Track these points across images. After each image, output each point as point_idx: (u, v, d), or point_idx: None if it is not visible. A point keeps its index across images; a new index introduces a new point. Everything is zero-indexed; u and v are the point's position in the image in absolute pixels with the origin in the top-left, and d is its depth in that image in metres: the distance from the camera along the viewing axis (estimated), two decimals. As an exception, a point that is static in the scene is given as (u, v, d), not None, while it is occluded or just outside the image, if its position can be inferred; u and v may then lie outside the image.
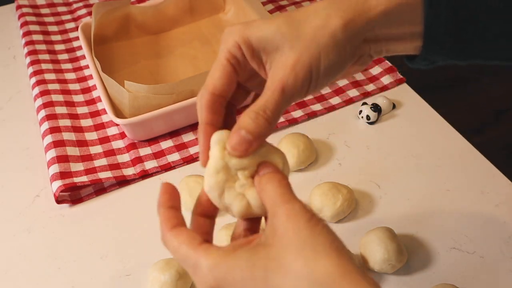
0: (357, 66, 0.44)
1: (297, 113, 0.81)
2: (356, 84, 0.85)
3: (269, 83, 0.40)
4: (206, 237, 0.41)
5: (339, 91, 0.84)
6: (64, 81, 0.87)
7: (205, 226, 0.41)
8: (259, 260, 0.35)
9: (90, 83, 0.87)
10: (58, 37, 0.97)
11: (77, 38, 0.96)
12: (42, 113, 0.80)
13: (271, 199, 0.37)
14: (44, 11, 1.03)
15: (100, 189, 0.72)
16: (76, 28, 0.98)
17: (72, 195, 0.71)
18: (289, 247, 0.34)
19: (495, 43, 0.43)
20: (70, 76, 0.88)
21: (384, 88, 0.85)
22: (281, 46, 0.40)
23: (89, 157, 0.75)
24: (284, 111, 0.41)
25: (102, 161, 0.75)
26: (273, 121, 0.40)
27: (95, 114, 0.82)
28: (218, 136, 0.40)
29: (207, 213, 0.42)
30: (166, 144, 0.77)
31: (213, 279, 0.35)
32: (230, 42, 0.41)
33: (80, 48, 0.94)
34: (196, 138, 0.77)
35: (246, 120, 0.39)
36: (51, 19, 1.01)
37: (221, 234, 0.61)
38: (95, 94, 0.85)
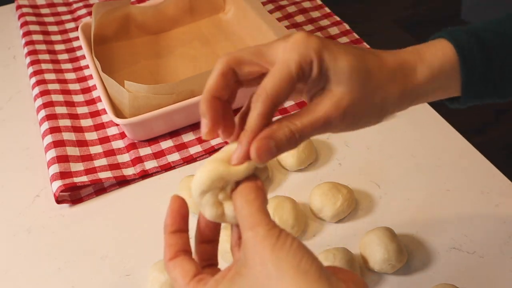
0: (377, 120, 0.46)
1: (297, 113, 0.81)
2: (356, 84, 0.85)
3: (315, 109, 0.41)
4: (211, 262, 0.43)
5: (339, 91, 0.84)
6: (64, 81, 0.87)
7: (208, 252, 0.43)
8: None
9: (90, 83, 0.87)
10: (58, 37, 0.97)
11: (77, 38, 0.96)
12: (42, 113, 0.80)
13: (240, 220, 0.37)
14: (44, 11, 1.03)
15: (100, 189, 0.72)
16: (76, 28, 0.98)
17: (72, 195, 0.71)
18: (259, 280, 0.35)
19: None
20: (70, 76, 0.88)
21: (384, 88, 0.85)
22: (344, 83, 0.41)
23: (89, 157, 0.75)
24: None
25: (102, 161, 0.75)
26: (298, 144, 0.40)
27: (95, 114, 0.82)
28: (229, 147, 0.40)
29: (208, 239, 0.43)
30: (166, 144, 0.77)
31: None
32: (303, 52, 0.40)
33: (80, 48, 0.94)
34: (196, 138, 0.77)
35: (280, 134, 0.39)
36: (51, 19, 1.01)
37: (222, 235, 0.61)
38: (95, 94, 0.85)
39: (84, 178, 0.71)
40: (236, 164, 0.38)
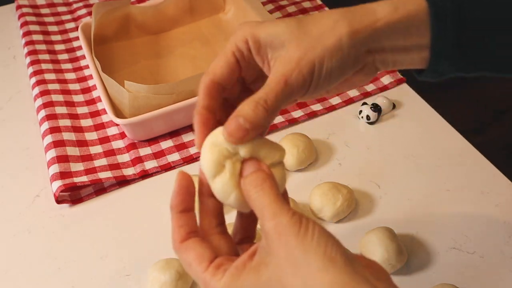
0: (361, 76, 0.45)
1: (297, 113, 0.81)
2: (356, 84, 0.85)
3: (271, 76, 0.41)
4: (220, 220, 0.41)
5: (339, 91, 0.84)
6: (64, 81, 0.87)
7: (214, 209, 0.41)
8: (264, 284, 0.35)
9: (90, 83, 0.87)
10: (58, 37, 0.97)
11: (77, 38, 0.96)
12: (42, 113, 0.80)
13: (259, 210, 0.37)
14: (44, 11, 1.03)
15: (100, 189, 0.72)
16: (76, 28, 0.98)
17: (72, 195, 0.71)
18: (286, 268, 0.34)
19: (503, 55, 0.43)
20: (70, 76, 0.88)
21: (384, 88, 0.85)
22: (288, 42, 0.41)
23: (89, 157, 0.75)
24: (283, 108, 0.42)
25: (102, 161, 0.75)
26: (272, 113, 0.40)
27: (95, 114, 0.82)
28: (217, 130, 0.40)
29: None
30: (166, 144, 0.77)
31: None
32: (238, 36, 0.43)
33: (80, 48, 0.94)
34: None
35: (245, 108, 0.39)
36: (51, 19, 1.01)
37: None
38: (95, 94, 0.85)
39: (84, 178, 0.71)
40: (200, 142, 0.41)
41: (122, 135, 0.78)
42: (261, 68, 0.43)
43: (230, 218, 0.45)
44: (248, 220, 0.43)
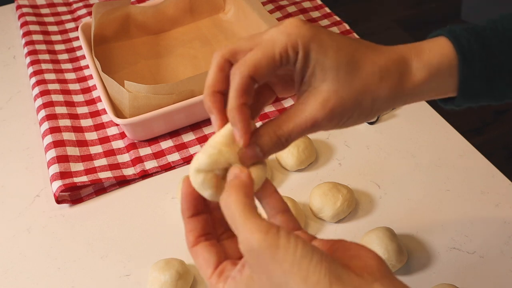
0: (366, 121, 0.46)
1: (297, 113, 0.81)
2: (356, 84, 0.85)
3: (301, 110, 0.40)
4: (227, 226, 0.40)
5: (339, 91, 0.84)
6: (64, 81, 0.87)
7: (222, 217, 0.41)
8: None
9: (90, 83, 0.87)
10: (58, 37, 0.97)
11: (77, 38, 0.96)
12: (42, 113, 0.80)
13: (232, 226, 0.36)
14: (44, 11, 1.03)
15: (100, 189, 0.72)
16: (76, 28, 0.98)
17: (72, 195, 0.71)
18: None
19: None
20: (70, 76, 0.89)
21: (384, 88, 0.85)
22: (330, 80, 0.40)
23: (89, 157, 0.75)
24: None
25: (102, 161, 0.75)
26: (285, 147, 0.40)
27: (95, 114, 0.82)
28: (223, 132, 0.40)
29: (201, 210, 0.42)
30: (166, 144, 0.77)
31: None
32: (293, 38, 0.39)
33: (80, 48, 0.94)
34: (196, 138, 0.77)
35: (266, 138, 0.39)
36: (51, 19, 1.01)
37: None
38: (95, 94, 0.85)
39: (84, 178, 0.71)
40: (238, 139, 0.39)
41: (122, 135, 0.78)
42: (290, 79, 0.42)
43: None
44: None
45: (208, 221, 0.41)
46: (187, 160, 0.75)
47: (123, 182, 0.73)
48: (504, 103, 0.48)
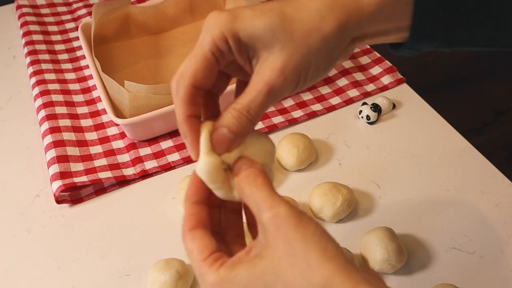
0: (340, 59, 0.44)
1: (297, 113, 0.81)
2: (356, 84, 0.85)
3: (255, 82, 0.39)
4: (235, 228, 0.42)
5: (339, 91, 0.84)
6: (64, 81, 0.87)
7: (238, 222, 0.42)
8: (258, 276, 0.35)
9: (90, 83, 0.87)
10: (58, 37, 0.97)
11: (77, 38, 0.96)
12: (42, 113, 0.80)
13: (254, 205, 0.37)
14: (44, 11, 1.03)
15: (100, 189, 0.72)
16: (76, 28, 0.98)
17: (72, 195, 0.71)
18: (283, 260, 0.34)
19: (480, 29, 0.43)
20: (70, 76, 0.89)
21: (384, 88, 0.85)
22: (271, 45, 0.39)
23: (89, 157, 0.75)
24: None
25: (102, 161, 0.75)
26: (256, 121, 0.40)
27: (95, 114, 0.82)
28: (206, 127, 0.40)
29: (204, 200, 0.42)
30: (166, 144, 0.77)
31: None
32: (215, 32, 0.39)
33: (80, 48, 0.94)
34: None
35: (229, 118, 0.39)
36: (51, 19, 1.01)
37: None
38: (95, 94, 0.85)
39: (84, 178, 0.71)
40: (196, 153, 0.40)
41: (122, 135, 0.78)
42: (242, 65, 0.41)
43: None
44: (233, 216, 0.43)
45: (207, 214, 0.41)
46: (187, 160, 0.75)
47: (123, 182, 0.73)
48: (451, 50, 0.45)
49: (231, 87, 0.44)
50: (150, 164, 0.74)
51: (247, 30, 0.39)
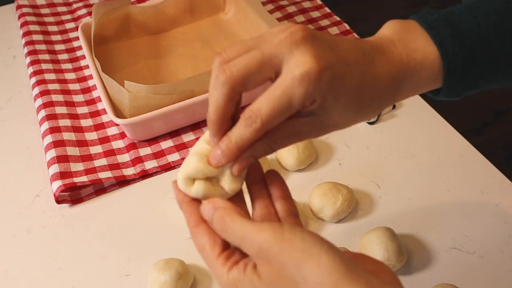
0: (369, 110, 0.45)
1: (297, 113, 0.81)
2: (356, 84, 0.85)
3: (269, 91, 0.39)
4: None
5: (339, 91, 0.84)
6: (64, 81, 0.87)
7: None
8: (272, 281, 0.36)
9: (90, 83, 0.87)
10: (58, 37, 0.97)
11: (77, 38, 0.96)
12: (42, 113, 0.80)
13: (237, 244, 0.38)
14: (44, 11, 1.03)
15: (100, 189, 0.72)
16: (76, 28, 0.98)
17: (72, 195, 0.71)
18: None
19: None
20: (70, 76, 0.88)
21: (384, 88, 0.85)
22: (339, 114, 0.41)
23: (89, 157, 0.75)
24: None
25: (102, 161, 0.75)
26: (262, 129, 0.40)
27: (95, 114, 0.82)
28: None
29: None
30: (166, 144, 0.77)
31: None
32: (310, 89, 0.38)
33: (80, 48, 0.94)
34: (196, 138, 0.77)
35: (261, 151, 0.41)
36: (51, 19, 1.01)
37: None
38: (95, 94, 0.85)
39: (84, 178, 0.71)
40: (213, 166, 0.41)
41: (122, 135, 0.78)
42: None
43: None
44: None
45: None
46: (187, 160, 0.75)
47: (123, 182, 0.73)
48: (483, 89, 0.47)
49: None
50: (150, 164, 0.74)
51: (332, 102, 0.40)
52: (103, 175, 0.72)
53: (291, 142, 0.42)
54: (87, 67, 0.90)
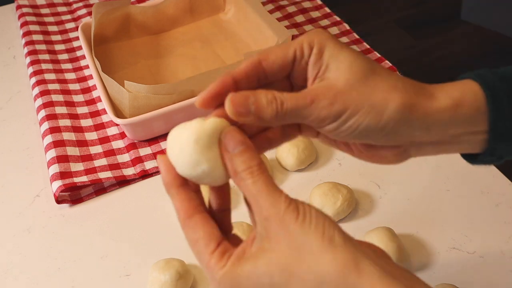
0: (390, 155, 0.45)
1: (297, 113, 0.81)
2: (356, 84, 0.85)
3: (306, 89, 0.39)
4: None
5: (339, 91, 0.84)
6: (64, 81, 0.87)
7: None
8: (263, 269, 0.35)
9: (90, 83, 0.87)
10: (58, 37, 0.97)
11: (77, 38, 0.96)
12: (42, 113, 0.80)
13: (253, 198, 0.36)
14: (44, 11, 1.03)
15: (100, 189, 0.72)
16: (76, 28, 0.98)
17: (72, 195, 0.71)
18: (289, 255, 0.35)
19: None
20: (70, 76, 0.89)
21: (384, 88, 0.85)
22: (343, 75, 0.39)
23: (89, 157, 0.75)
24: (292, 121, 0.39)
25: (102, 161, 0.75)
26: (279, 118, 0.38)
27: (95, 114, 0.82)
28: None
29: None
30: (166, 144, 0.77)
31: None
32: (308, 37, 0.40)
33: (80, 48, 0.94)
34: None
35: (262, 95, 0.38)
36: (51, 19, 1.01)
37: None
38: (95, 94, 0.85)
39: (84, 178, 0.71)
40: (200, 104, 0.40)
41: (122, 135, 0.78)
42: (307, 79, 0.41)
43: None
44: (221, 191, 0.41)
45: (201, 194, 0.40)
46: (187, 160, 0.75)
47: (123, 182, 0.73)
48: None
49: None
50: (150, 164, 0.74)
51: (334, 50, 0.39)
52: (103, 175, 0.72)
53: (300, 103, 0.38)
54: (87, 67, 0.90)
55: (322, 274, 0.34)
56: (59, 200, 0.70)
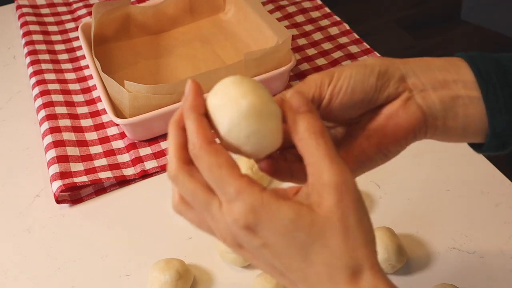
0: (403, 114, 0.45)
1: (297, 113, 0.81)
2: (356, 84, 0.85)
3: None
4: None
5: (339, 91, 0.84)
6: (64, 81, 0.87)
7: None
8: (305, 224, 0.33)
9: (90, 83, 0.87)
10: (58, 37, 0.97)
11: (77, 38, 0.96)
12: (42, 113, 0.80)
13: (315, 163, 0.34)
14: (44, 11, 1.03)
15: (100, 189, 0.72)
16: (76, 28, 0.98)
17: (72, 195, 0.71)
18: (335, 230, 0.34)
19: None
20: (70, 76, 0.89)
21: (384, 88, 0.85)
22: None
23: (89, 157, 0.75)
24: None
25: (102, 161, 0.75)
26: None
27: (95, 114, 0.82)
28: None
29: None
30: (166, 144, 0.77)
31: (252, 218, 0.33)
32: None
33: (80, 48, 0.94)
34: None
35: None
36: (51, 19, 1.01)
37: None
38: (95, 94, 0.85)
39: (84, 178, 0.71)
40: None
41: (122, 135, 0.78)
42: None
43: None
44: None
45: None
46: (187, 160, 0.75)
47: (123, 182, 0.73)
48: None
49: None
50: (150, 164, 0.74)
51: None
52: (103, 175, 0.72)
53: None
54: (87, 67, 0.90)
55: (352, 264, 0.35)
56: (59, 200, 0.70)
